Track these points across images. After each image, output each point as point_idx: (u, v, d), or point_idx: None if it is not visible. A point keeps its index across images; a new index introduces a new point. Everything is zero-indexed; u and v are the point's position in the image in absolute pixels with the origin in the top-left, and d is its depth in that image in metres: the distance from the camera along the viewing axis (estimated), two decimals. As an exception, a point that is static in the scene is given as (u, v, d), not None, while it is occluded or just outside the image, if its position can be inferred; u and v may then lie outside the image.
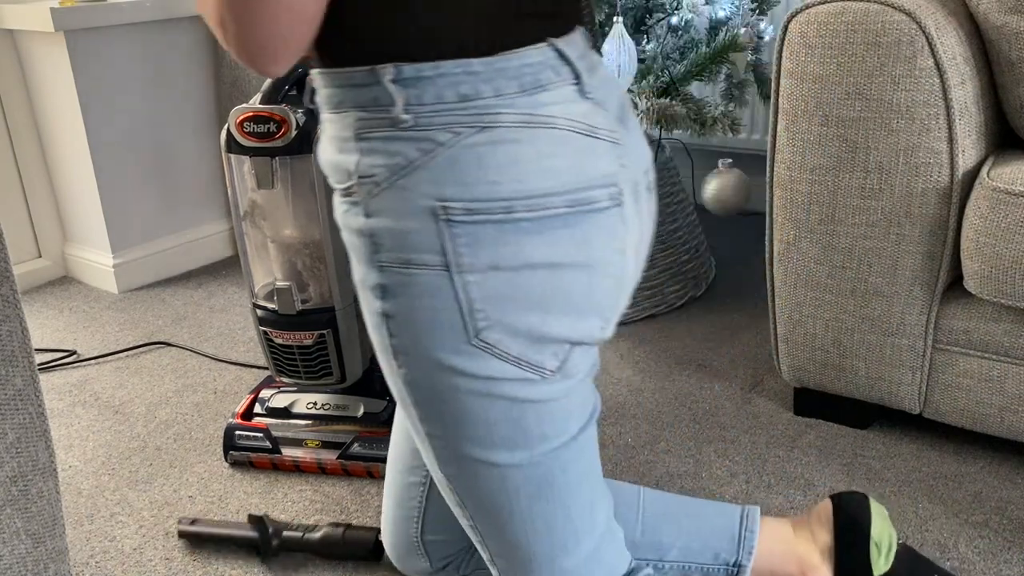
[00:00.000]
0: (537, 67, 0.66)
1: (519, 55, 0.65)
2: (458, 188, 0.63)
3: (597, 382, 1.64)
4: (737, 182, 1.91)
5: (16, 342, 0.74)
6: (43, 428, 0.79)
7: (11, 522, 0.76)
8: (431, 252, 0.64)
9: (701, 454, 1.41)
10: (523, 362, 0.69)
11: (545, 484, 0.75)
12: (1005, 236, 1.16)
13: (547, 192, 0.65)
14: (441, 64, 0.62)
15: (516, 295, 0.66)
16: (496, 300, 0.66)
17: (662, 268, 1.93)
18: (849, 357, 1.39)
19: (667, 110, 1.64)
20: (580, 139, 0.67)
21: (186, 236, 2.33)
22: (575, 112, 0.67)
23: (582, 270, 0.68)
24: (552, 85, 0.66)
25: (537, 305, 0.67)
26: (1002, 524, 1.22)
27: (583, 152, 0.67)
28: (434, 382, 0.69)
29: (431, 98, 0.63)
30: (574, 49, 0.69)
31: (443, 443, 0.73)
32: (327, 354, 1.34)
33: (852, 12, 1.22)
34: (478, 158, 0.63)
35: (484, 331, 0.66)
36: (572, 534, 0.79)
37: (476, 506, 0.76)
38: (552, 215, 0.66)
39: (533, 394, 0.70)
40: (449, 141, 0.63)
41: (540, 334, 0.68)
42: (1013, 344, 1.24)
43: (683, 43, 1.85)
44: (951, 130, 1.21)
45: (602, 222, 0.69)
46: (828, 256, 1.35)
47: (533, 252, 0.66)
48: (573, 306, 0.69)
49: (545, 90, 0.66)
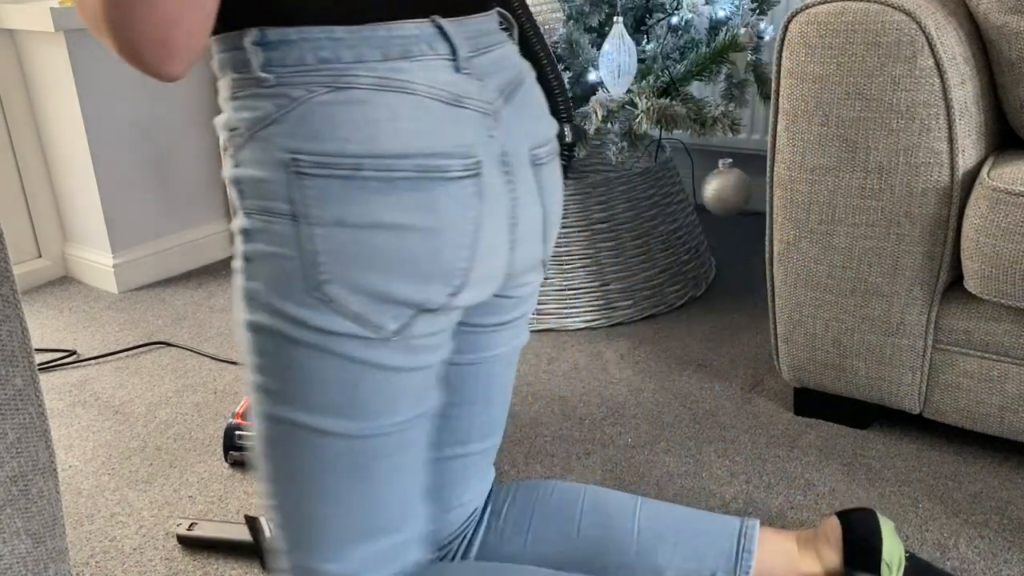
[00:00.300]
0: (410, 40, 0.69)
1: (390, 27, 0.68)
2: (309, 142, 0.67)
3: (596, 382, 1.64)
4: (737, 182, 1.91)
5: (16, 342, 0.74)
6: (43, 428, 0.79)
7: (11, 522, 0.76)
8: (283, 201, 0.68)
9: (701, 454, 1.41)
10: (362, 319, 0.70)
11: (362, 464, 0.76)
12: (1005, 236, 1.16)
13: (396, 154, 0.68)
14: (305, 29, 0.66)
15: (359, 252, 0.68)
16: (339, 255, 0.68)
17: (662, 268, 1.93)
18: (849, 357, 1.39)
19: (667, 110, 1.64)
20: (440, 106, 0.70)
21: (186, 236, 2.33)
22: (440, 81, 0.70)
23: (428, 235, 0.70)
24: (421, 57, 0.70)
25: (380, 264, 0.69)
26: (1002, 524, 1.22)
27: (440, 119, 0.70)
28: (275, 331, 0.71)
29: (293, 60, 0.66)
30: (463, 29, 0.73)
31: (272, 399, 0.74)
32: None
33: (852, 12, 1.23)
34: (330, 115, 0.66)
35: (325, 284, 0.68)
36: (374, 524, 0.79)
37: (285, 470, 0.76)
38: (400, 177, 0.68)
39: (370, 355, 0.72)
40: (302, 97, 0.66)
41: (381, 293, 0.70)
42: (1013, 344, 1.24)
43: (683, 43, 1.85)
44: (951, 130, 1.21)
45: (453, 190, 0.71)
46: (828, 256, 1.35)
47: (379, 211, 0.68)
48: (416, 269, 0.71)
49: (411, 59, 0.69)
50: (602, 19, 1.81)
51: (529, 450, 1.44)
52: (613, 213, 1.87)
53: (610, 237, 1.87)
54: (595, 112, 1.65)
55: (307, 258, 0.68)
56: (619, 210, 1.87)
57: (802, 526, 1.23)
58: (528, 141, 0.79)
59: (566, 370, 1.69)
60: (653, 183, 1.93)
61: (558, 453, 1.43)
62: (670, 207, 1.97)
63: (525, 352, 1.76)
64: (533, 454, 1.43)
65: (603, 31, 1.84)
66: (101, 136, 2.11)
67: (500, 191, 0.75)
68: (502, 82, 0.76)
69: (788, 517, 1.25)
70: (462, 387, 0.92)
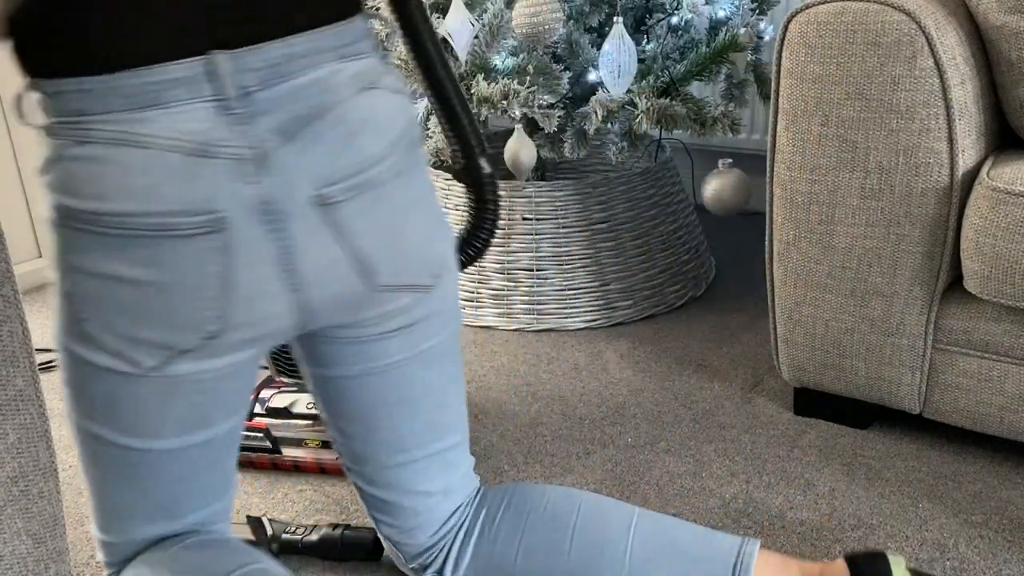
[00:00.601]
0: (165, 85, 0.69)
1: (145, 73, 0.68)
2: (61, 195, 0.70)
3: (596, 382, 1.64)
4: (737, 182, 1.91)
5: (17, 342, 0.74)
6: (44, 428, 0.80)
7: (12, 522, 0.76)
8: (53, 244, 0.73)
9: (701, 454, 1.41)
10: (121, 355, 0.75)
11: (133, 470, 0.83)
12: (1005, 236, 1.16)
13: (126, 212, 0.70)
14: (62, 81, 0.68)
15: (106, 300, 0.73)
16: (92, 300, 0.73)
17: (662, 268, 1.93)
18: (849, 357, 1.39)
19: (667, 110, 1.64)
20: (178, 159, 0.70)
21: (186, 236, 2.33)
22: (186, 130, 0.70)
23: (160, 289, 0.72)
24: (174, 103, 0.69)
25: (126, 312, 0.73)
26: (1002, 524, 1.22)
27: (176, 173, 0.70)
28: (62, 349, 0.78)
29: (58, 111, 0.69)
30: (254, 59, 0.71)
31: (68, 402, 0.81)
32: (327, 354, 1.34)
33: (852, 12, 1.23)
34: (72, 171, 0.69)
35: (84, 323, 0.74)
36: (142, 513, 0.87)
37: (82, 459, 0.85)
38: (131, 234, 0.70)
39: (130, 387, 0.77)
40: (58, 150, 0.69)
41: (132, 336, 0.74)
42: (1013, 344, 1.24)
43: (683, 43, 1.85)
44: (951, 130, 1.21)
45: (184, 247, 0.72)
46: (828, 256, 1.35)
47: (116, 265, 0.71)
48: (158, 319, 0.74)
49: (159, 107, 0.69)
50: (602, 19, 1.81)
51: (529, 450, 1.44)
52: (613, 213, 1.87)
53: (610, 237, 1.87)
54: (595, 112, 1.65)
55: (67, 298, 0.73)
56: (619, 210, 1.87)
57: (802, 526, 1.23)
58: (313, 182, 0.75)
59: (566, 370, 1.70)
60: (653, 183, 1.93)
61: (558, 453, 1.43)
62: (670, 207, 1.97)
63: (525, 352, 1.77)
64: (533, 454, 1.43)
65: (603, 31, 1.84)
66: (101, 136, 2.11)
67: (258, 241, 0.74)
68: (286, 118, 0.73)
69: (788, 517, 1.25)
70: (363, 398, 0.91)
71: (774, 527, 1.23)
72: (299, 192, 0.74)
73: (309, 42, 0.74)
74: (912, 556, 1.17)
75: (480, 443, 1.47)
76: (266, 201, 0.73)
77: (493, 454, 1.43)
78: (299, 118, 0.74)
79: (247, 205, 0.73)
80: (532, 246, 1.85)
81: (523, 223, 1.85)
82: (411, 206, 0.83)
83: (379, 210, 0.80)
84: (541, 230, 1.85)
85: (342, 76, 0.77)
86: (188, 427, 0.82)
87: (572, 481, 1.35)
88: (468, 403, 1.59)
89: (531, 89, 1.61)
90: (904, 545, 1.19)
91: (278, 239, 0.75)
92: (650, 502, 1.30)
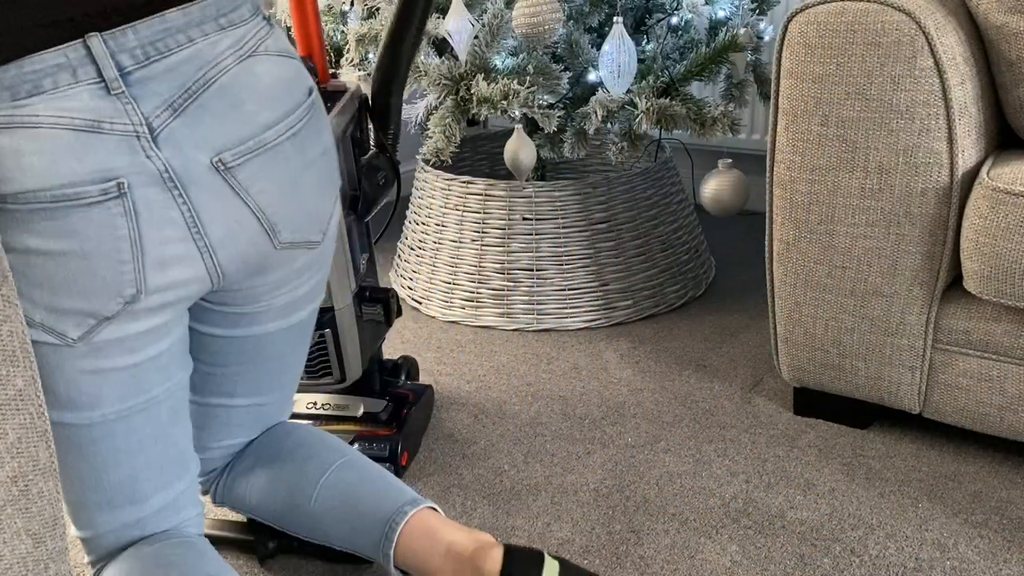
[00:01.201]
0: (44, 72, 0.72)
1: (24, 63, 0.72)
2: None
3: (596, 382, 1.64)
4: (736, 182, 1.91)
5: (17, 342, 0.74)
6: (44, 428, 0.79)
7: (11, 522, 0.76)
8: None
9: (701, 454, 1.41)
10: (47, 328, 0.79)
11: (84, 448, 0.88)
12: (1005, 236, 1.16)
13: (28, 189, 0.73)
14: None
15: (25, 273, 0.77)
16: (15, 275, 0.77)
17: (662, 268, 1.93)
18: (849, 357, 1.39)
19: (667, 110, 1.64)
20: (70, 136, 0.73)
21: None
22: (74, 108, 0.73)
23: (76, 257, 0.76)
24: (55, 89, 0.73)
25: (44, 284, 0.77)
26: (1002, 524, 1.22)
27: (71, 148, 0.74)
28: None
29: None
30: (134, 38, 0.75)
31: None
32: (327, 354, 1.34)
33: (852, 12, 1.23)
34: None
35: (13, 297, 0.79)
36: (108, 497, 0.91)
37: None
38: (37, 208, 0.74)
39: (62, 358, 0.81)
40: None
41: (55, 307, 0.78)
42: (1013, 344, 1.24)
43: (683, 43, 1.85)
44: (951, 130, 1.21)
45: (94, 214, 0.76)
46: (828, 256, 1.35)
47: (28, 239, 0.75)
48: (76, 287, 0.78)
49: (43, 94, 0.73)
50: (602, 19, 1.81)
51: (529, 450, 1.44)
52: (613, 213, 1.87)
53: (610, 237, 1.87)
54: (595, 112, 1.65)
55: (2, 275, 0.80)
56: (619, 210, 1.87)
57: (802, 526, 1.23)
58: (208, 150, 0.80)
59: (566, 370, 1.70)
60: (653, 183, 1.93)
61: (558, 453, 1.43)
62: (670, 207, 1.97)
63: (525, 352, 1.77)
64: (533, 454, 1.43)
65: (603, 31, 1.84)
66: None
67: (163, 205, 0.79)
68: (172, 93, 0.78)
69: (788, 517, 1.25)
70: (226, 354, 1.01)
71: (774, 527, 1.23)
72: (195, 162, 0.79)
73: (185, 16, 0.78)
74: (912, 556, 1.17)
75: (480, 443, 1.47)
76: (165, 171, 0.78)
77: (493, 454, 1.43)
78: (185, 92, 0.79)
79: (147, 173, 0.77)
80: (532, 246, 1.86)
81: (523, 223, 1.85)
82: (306, 167, 0.88)
83: (275, 170, 0.85)
84: (541, 230, 1.85)
85: (222, 46, 0.81)
86: (124, 394, 0.86)
87: (572, 481, 1.35)
88: (468, 403, 1.59)
89: (531, 89, 1.61)
90: (904, 545, 1.19)
91: (182, 204, 0.80)
92: (650, 502, 1.30)
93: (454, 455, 1.44)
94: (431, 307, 1.97)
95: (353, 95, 1.32)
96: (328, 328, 1.32)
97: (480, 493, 1.34)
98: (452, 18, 1.61)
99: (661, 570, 1.16)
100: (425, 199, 1.99)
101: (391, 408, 1.42)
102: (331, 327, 1.32)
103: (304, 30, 1.37)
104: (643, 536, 1.23)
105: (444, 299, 1.94)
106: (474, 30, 1.63)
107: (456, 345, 1.81)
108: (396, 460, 1.36)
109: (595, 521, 1.26)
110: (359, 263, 1.38)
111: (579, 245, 1.86)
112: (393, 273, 2.16)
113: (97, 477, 0.90)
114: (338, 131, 1.26)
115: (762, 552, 1.19)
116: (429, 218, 1.97)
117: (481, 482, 1.36)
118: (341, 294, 1.31)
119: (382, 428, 1.39)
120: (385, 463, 1.37)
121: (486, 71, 1.65)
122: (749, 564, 1.17)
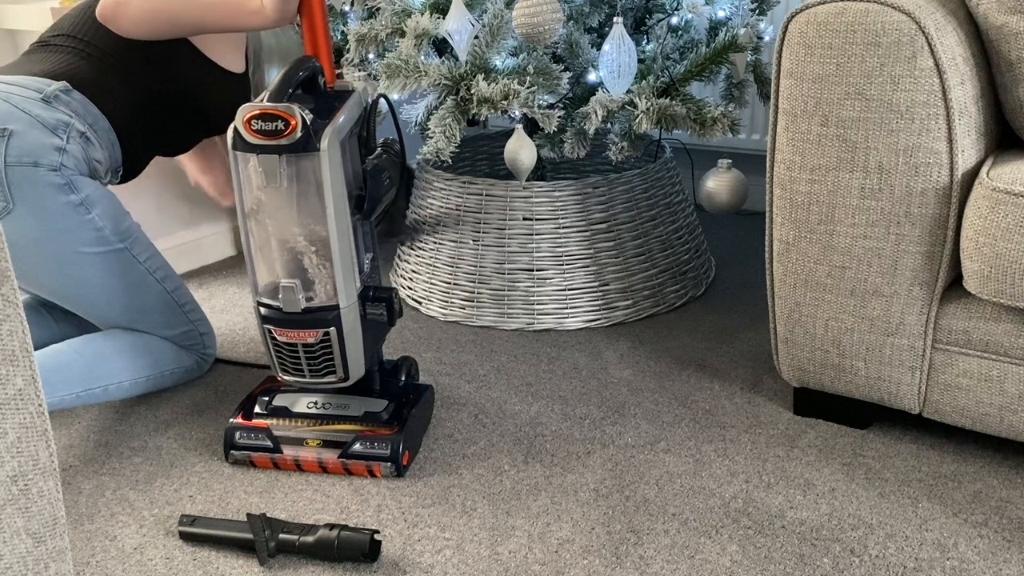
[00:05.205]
0: None
1: None
2: None
3: (596, 382, 1.64)
4: (734, 182, 1.91)
5: (16, 342, 0.74)
6: (44, 427, 0.79)
7: (12, 521, 0.76)
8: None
9: (701, 454, 1.41)
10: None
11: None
12: (1005, 236, 1.16)
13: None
14: None
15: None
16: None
17: (662, 268, 1.93)
18: (849, 357, 1.39)
19: (667, 110, 1.64)
20: None
21: (186, 236, 2.33)
22: None
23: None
24: None
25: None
26: (1002, 524, 1.22)
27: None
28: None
29: None
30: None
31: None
32: (331, 352, 1.34)
33: (852, 12, 1.23)
34: None
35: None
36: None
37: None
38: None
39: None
40: None
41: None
42: (1013, 344, 1.24)
43: (683, 43, 1.85)
44: (951, 130, 1.21)
45: None
46: (827, 256, 1.35)
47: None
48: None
49: None
50: (602, 19, 1.81)
51: (529, 450, 1.44)
52: (613, 213, 1.87)
53: (610, 237, 1.87)
54: (595, 112, 1.65)
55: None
56: (619, 210, 1.87)
57: (802, 526, 1.23)
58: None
59: (566, 370, 1.70)
60: (653, 183, 1.93)
61: (558, 453, 1.43)
62: (670, 207, 1.97)
63: (525, 352, 1.77)
64: (533, 454, 1.43)
65: (603, 31, 1.84)
66: (101, 136, 2.11)
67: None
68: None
69: (788, 517, 1.25)
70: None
71: (774, 527, 1.23)
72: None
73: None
74: (912, 556, 1.17)
75: (480, 443, 1.47)
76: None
77: (493, 454, 1.43)
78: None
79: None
80: (531, 246, 1.86)
81: (523, 223, 1.85)
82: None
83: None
84: (540, 230, 1.85)
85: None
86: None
87: (572, 481, 1.35)
88: (468, 403, 1.59)
89: (531, 89, 1.61)
90: (904, 545, 1.19)
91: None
92: (650, 502, 1.30)
93: (454, 455, 1.44)
94: (431, 307, 1.97)
95: (358, 96, 1.33)
96: (333, 326, 1.32)
97: (480, 493, 1.34)
98: (452, 18, 1.61)
99: (661, 570, 1.16)
100: (425, 199, 1.99)
101: (392, 408, 1.42)
102: (336, 325, 1.32)
103: (312, 31, 1.38)
104: (643, 536, 1.23)
105: (444, 299, 1.94)
106: (474, 30, 1.63)
107: (456, 345, 1.82)
108: (398, 459, 1.36)
109: (595, 521, 1.26)
110: (364, 263, 1.38)
111: (579, 245, 1.86)
112: (393, 273, 2.16)
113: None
114: (344, 132, 1.26)
115: (762, 552, 1.19)
116: (429, 218, 1.97)
117: (481, 482, 1.36)
118: (346, 293, 1.31)
119: (383, 428, 1.39)
120: (387, 462, 1.37)
121: (486, 71, 1.65)
122: (749, 564, 1.17)
